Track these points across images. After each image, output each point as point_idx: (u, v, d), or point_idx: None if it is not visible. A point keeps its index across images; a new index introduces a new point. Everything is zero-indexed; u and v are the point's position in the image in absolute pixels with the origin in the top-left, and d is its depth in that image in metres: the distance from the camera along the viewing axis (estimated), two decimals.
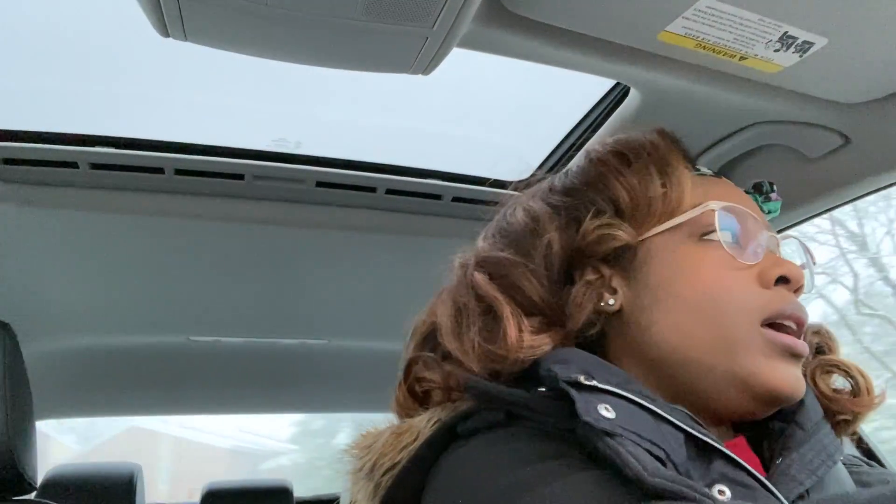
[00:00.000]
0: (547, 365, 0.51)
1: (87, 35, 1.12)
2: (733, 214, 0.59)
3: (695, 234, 0.59)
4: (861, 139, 0.91)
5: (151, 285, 1.42)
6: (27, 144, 1.08)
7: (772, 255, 0.60)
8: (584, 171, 0.64)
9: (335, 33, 0.70)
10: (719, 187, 0.63)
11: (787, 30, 0.70)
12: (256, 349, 1.74)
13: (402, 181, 1.22)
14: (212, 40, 0.73)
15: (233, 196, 1.21)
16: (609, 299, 0.59)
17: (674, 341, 0.56)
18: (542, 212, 0.62)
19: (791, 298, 0.57)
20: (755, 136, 0.97)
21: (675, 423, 0.47)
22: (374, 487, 0.56)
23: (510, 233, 0.64)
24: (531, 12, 0.71)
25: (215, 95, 1.23)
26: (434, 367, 0.60)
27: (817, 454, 0.54)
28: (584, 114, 1.15)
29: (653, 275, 0.58)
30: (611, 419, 0.45)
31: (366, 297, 1.53)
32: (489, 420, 0.52)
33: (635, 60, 0.78)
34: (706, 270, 0.57)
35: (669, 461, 0.45)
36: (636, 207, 0.60)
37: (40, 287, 1.36)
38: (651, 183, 0.60)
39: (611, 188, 0.61)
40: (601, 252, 0.59)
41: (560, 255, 0.59)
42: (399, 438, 0.56)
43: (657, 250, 0.59)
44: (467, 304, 0.59)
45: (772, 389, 0.54)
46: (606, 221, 0.59)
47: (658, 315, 0.57)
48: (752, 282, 0.57)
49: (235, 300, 1.51)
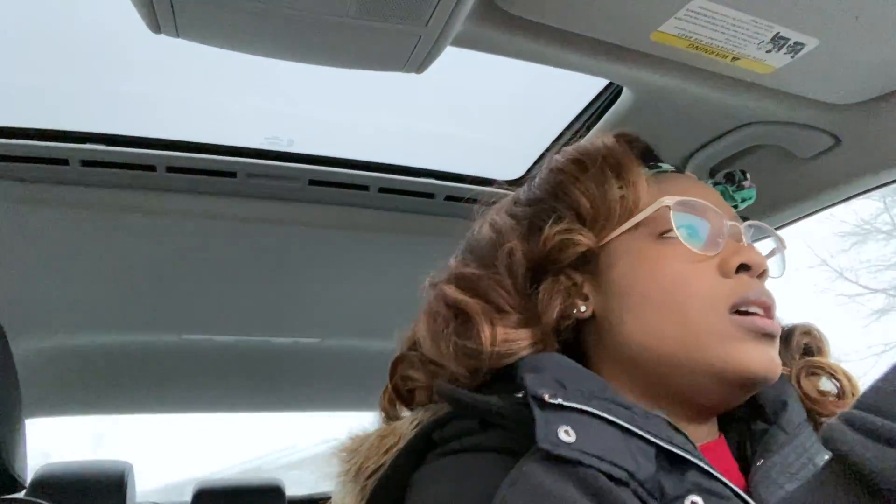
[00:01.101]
0: (521, 372, 0.51)
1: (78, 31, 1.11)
2: (688, 208, 0.59)
3: (654, 232, 0.59)
4: (852, 140, 0.91)
5: (143, 283, 1.41)
6: (17, 141, 1.07)
7: (734, 244, 0.59)
8: (545, 180, 0.65)
9: (328, 31, 0.70)
10: (678, 183, 0.63)
11: (779, 31, 0.70)
12: (249, 347, 1.73)
13: (395, 180, 1.22)
14: (204, 37, 0.72)
15: (225, 194, 1.21)
16: (581, 306, 0.59)
17: (644, 341, 0.56)
18: (505, 224, 0.64)
19: (754, 284, 0.57)
20: (746, 137, 0.97)
21: (645, 437, 0.47)
22: (359, 490, 0.56)
23: (476, 248, 0.65)
24: (524, 11, 0.71)
25: (207, 93, 1.22)
26: (419, 366, 0.61)
27: (798, 457, 0.54)
28: (576, 113, 1.15)
29: (618, 277, 0.59)
30: (569, 443, 0.44)
31: (359, 295, 1.53)
32: (463, 428, 0.52)
33: (628, 60, 0.79)
34: (666, 266, 0.57)
35: (633, 479, 0.44)
36: (596, 212, 0.60)
37: (30, 284, 1.35)
38: (609, 187, 0.60)
39: (570, 195, 0.61)
40: (565, 259, 0.59)
41: (523, 262, 0.60)
42: (383, 441, 0.57)
43: (620, 253, 0.59)
44: (439, 313, 0.60)
45: (745, 372, 0.54)
46: (566, 227, 0.59)
47: (626, 316, 0.57)
48: (713, 272, 0.57)
49: (228, 298, 1.51)
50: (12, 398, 0.98)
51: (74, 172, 1.11)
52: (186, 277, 1.41)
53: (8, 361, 0.99)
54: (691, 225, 0.59)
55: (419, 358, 0.61)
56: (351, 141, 1.25)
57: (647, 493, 0.44)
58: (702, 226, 0.59)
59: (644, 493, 0.44)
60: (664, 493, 0.45)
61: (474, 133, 1.35)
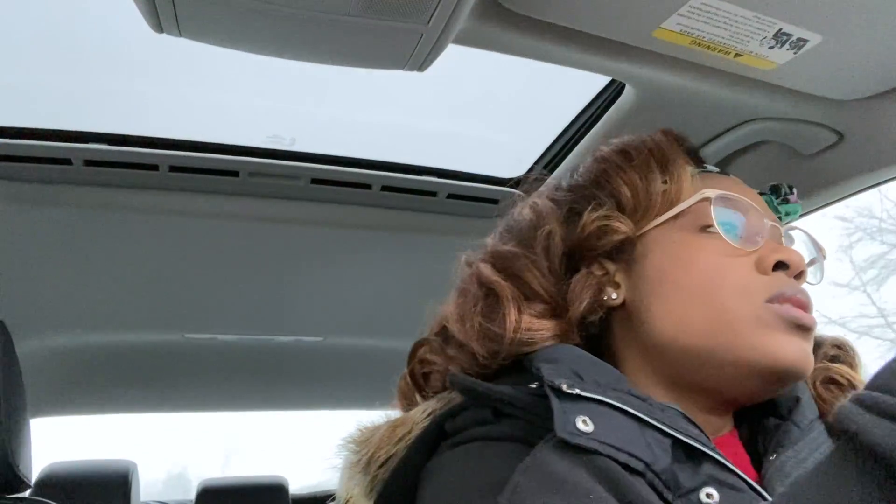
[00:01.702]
0: (537, 363, 0.51)
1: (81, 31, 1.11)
2: (730, 203, 0.59)
3: (693, 225, 0.59)
4: (854, 136, 0.91)
5: (146, 282, 1.41)
6: (20, 141, 1.07)
7: (773, 243, 0.59)
8: (589, 169, 0.66)
9: (330, 29, 0.69)
10: (723, 182, 0.63)
11: (782, 27, 0.70)
12: (251, 346, 1.73)
13: (398, 178, 1.22)
14: (206, 36, 0.72)
15: (227, 193, 1.21)
16: (612, 293, 0.59)
17: (672, 330, 0.56)
18: (546, 207, 0.64)
19: (791, 282, 0.57)
20: (749, 133, 0.97)
21: (662, 429, 0.47)
22: (370, 481, 0.56)
23: (516, 229, 0.65)
24: (526, 9, 0.71)
25: (210, 92, 1.22)
26: (438, 350, 0.62)
27: (811, 452, 0.54)
28: (579, 111, 1.15)
29: (652, 267, 0.59)
30: (587, 433, 0.44)
31: (361, 294, 1.53)
32: (475, 418, 0.52)
33: (630, 57, 0.79)
34: (702, 258, 0.57)
35: (650, 470, 0.44)
36: (637, 202, 0.60)
37: (34, 284, 1.36)
38: (652, 179, 0.60)
39: (613, 184, 0.62)
40: (602, 246, 0.59)
41: (560, 246, 0.60)
42: (395, 431, 0.57)
43: (656, 243, 0.59)
44: (470, 290, 0.60)
45: (779, 363, 0.53)
46: (605, 213, 0.60)
47: (656, 305, 0.57)
48: (750, 268, 0.57)
49: (230, 297, 1.51)
50: (17, 398, 0.98)
51: (77, 172, 1.11)
52: (189, 276, 1.41)
53: (12, 361, 0.99)
54: (731, 220, 0.59)
55: (440, 343, 0.62)
56: (353, 139, 1.25)
57: (662, 484, 0.44)
58: (741, 222, 0.59)
59: (660, 484, 0.44)
60: (679, 485, 0.45)
61: (476, 131, 1.35)
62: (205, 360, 1.78)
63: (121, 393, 1.94)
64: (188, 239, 1.28)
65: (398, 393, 0.64)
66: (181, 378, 1.89)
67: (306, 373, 1.95)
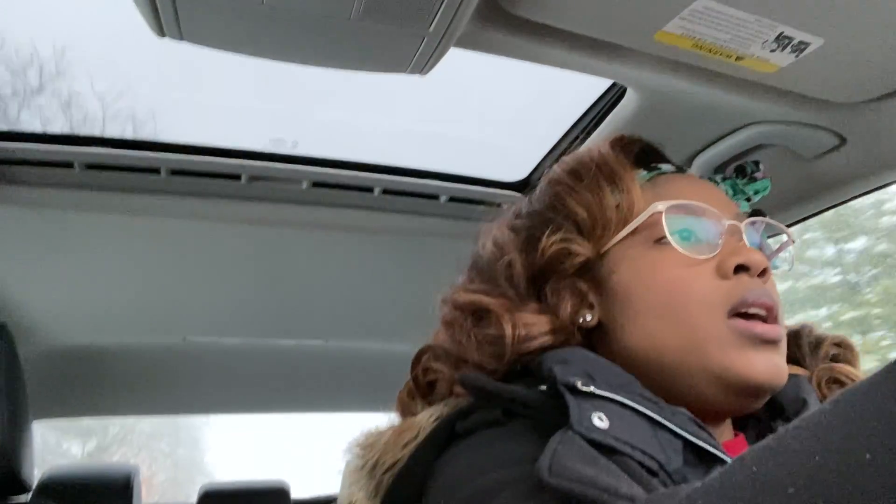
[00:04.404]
0: (548, 364, 0.51)
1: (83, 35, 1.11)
2: (683, 210, 0.59)
3: (650, 238, 0.59)
4: (856, 139, 0.91)
5: (148, 286, 1.41)
6: (22, 145, 1.07)
7: (733, 244, 0.58)
8: (543, 192, 0.66)
9: (332, 33, 0.70)
10: (676, 185, 0.62)
11: (783, 30, 0.70)
12: (253, 349, 1.73)
13: (399, 181, 1.22)
14: (208, 40, 0.72)
15: (229, 196, 1.21)
16: (587, 315, 0.59)
17: (645, 347, 0.56)
18: (505, 238, 0.64)
19: (753, 285, 0.56)
20: (751, 137, 0.97)
21: (674, 430, 0.47)
22: (375, 486, 0.56)
23: (480, 266, 0.66)
24: (528, 12, 0.71)
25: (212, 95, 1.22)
26: (443, 357, 0.61)
27: None
28: (580, 114, 1.15)
29: (618, 285, 0.59)
30: (604, 429, 0.44)
31: (363, 297, 1.53)
32: (486, 418, 0.52)
33: (632, 61, 0.79)
34: (663, 272, 0.57)
35: (663, 470, 0.44)
36: (594, 221, 0.60)
37: (37, 288, 1.36)
38: (604, 196, 0.60)
39: (567, 206, 0.62)
40: (564, 269, 0.60)
41: (523, 274, 0.60)
42: (401, 436, 0.57)
43: (619, 260, 0.59)
44: (455, 319, 0.60)
45: (749, 381, 0.53)
46: (563, 237, 0.60)
47: (628, 324, 0.57)
48: (711, 275, 0.57)
49: (232, 301, 1.51)
50: (19, 401, 0.98)
51: (79, 175, 1.11)
52: (191, 280, 1.42)
53: (15, 364, 0.99)
54: (685, 228, 0.58)
55: (444, 350, 0.62)
56: (355, 143, 1.25)
57: (674, 484, 0.44)
58: (697, 227, 0.58)
59: (671, 485, 0.44)
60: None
61: (478, 134, 1.35)
62: (207, 363, 1.78)
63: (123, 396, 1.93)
64: (190, 242, 1.28)
65: (398, 403, 0.64)
66: (183, 381, 1.89)
67: (308, 376, 1.95)
